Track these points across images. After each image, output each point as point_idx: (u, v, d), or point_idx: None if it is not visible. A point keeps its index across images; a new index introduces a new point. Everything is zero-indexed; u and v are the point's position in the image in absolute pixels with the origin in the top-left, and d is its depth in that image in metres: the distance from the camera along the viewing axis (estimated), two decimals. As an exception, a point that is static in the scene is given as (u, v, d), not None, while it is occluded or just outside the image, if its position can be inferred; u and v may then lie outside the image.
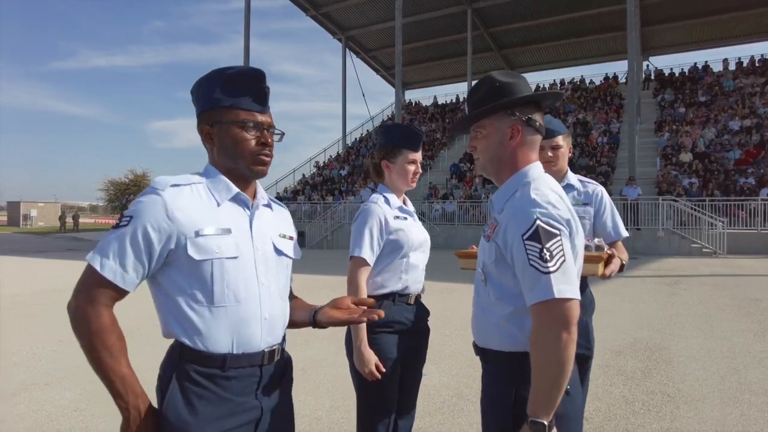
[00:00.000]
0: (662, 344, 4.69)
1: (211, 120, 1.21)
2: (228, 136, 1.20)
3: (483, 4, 24.20)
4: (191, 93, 1.27)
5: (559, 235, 1.18)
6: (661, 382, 3.68)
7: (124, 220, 1.11)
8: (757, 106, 20.12)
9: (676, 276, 9.46)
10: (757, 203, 13.80)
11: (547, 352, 1.12)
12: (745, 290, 7.67)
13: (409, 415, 1.99)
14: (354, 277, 1.83)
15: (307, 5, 25.66)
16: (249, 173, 1.23)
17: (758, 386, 3.54)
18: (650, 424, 2.96)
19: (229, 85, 1.19)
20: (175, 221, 1.11)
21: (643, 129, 20.29)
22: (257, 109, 1.22)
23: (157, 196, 1.12)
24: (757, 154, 16.87)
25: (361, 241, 1.83)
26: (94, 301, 1.08)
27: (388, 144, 1.96)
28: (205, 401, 1.13)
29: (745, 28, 25.01)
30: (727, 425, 2.93)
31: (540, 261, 1.14)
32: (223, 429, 1.14)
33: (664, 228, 14.15)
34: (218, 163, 1.24)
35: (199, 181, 1.20)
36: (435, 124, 29.22)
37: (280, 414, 1.27)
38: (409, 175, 1.96)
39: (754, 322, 5.52)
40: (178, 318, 1.14)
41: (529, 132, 1.33)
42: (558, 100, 1.51)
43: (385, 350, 1.82)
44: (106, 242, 1.10)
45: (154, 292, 1.19)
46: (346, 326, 1.78)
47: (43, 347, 4.80)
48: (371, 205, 1.90)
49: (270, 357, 1.22)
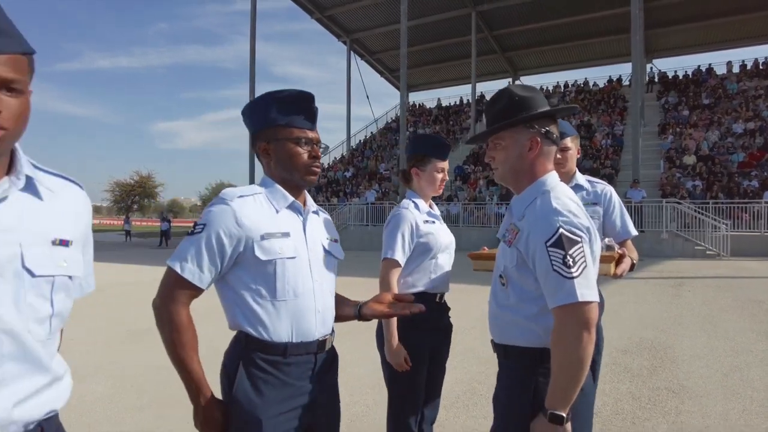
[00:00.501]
0: (667, 343, 4.83)
1: (268, 137, 1.39)
2: (284, 151, 1.38)
3: (487, 7, 24.32)
4: (243, 114, 1.45)
5: (580, 242, 1.25)
6: (666, 379, 3.83)
7: (198, 227, 1.29)
8: (760, 108, 20.20)
9: (679, 278, 9.58)
10: (760, 206, 13.90)
11: (568, 351, 1.21)
12: (748, 292, 7.79)
13: (435, 405, 2.15)
14: (386, 277, 1.99)
15: (312, 8, 25.86)
16: (303, 183, 1.41)
17: (760, 383, 3.68)
18: (656, 418, 3.11)
19: (284, 106, 1.37)
20: (243, 227, 1.29)
21: (646, 131, 20.40)
22: (308, 126, 1.40)
23: (226, 206, 1.30)
24: (760, 157, 16.97)
25: (394, 244, 1.99)
26: (175, 300, 1.26)
27: (418, 153, 2.13)
28: (270, 385, 1.30)
29: (749, 30, 25.07)
30: (729, 419, 3.08)
31: (563, 267, 1.22)
32: (284, 410, 1.31)
33: (667, 230, 14.26)
34: (274, 174, 1.41)
35: (259, 192, 1.38)
36: (438, 127, 29.36)
37: (330, 397, 1.44)
38: (437, 182, 2.12)
39: (756, 323, 5.65)
40: (244, 311, 1.31)
41: (546, 143, 1.40)
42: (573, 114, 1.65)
43: (414, 346, 1.98)
44: (184, 248, 1.28)
45: (221, 289, 1.35)
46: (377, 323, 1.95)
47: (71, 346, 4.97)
48: (403, 210, 2.06)
49: (322, 345, 1.39)
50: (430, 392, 2.10)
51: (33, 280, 0.87)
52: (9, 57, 0.81)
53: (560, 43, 27.87)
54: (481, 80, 29.44)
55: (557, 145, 1.46)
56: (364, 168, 26.48)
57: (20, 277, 0.85)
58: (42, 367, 0.90)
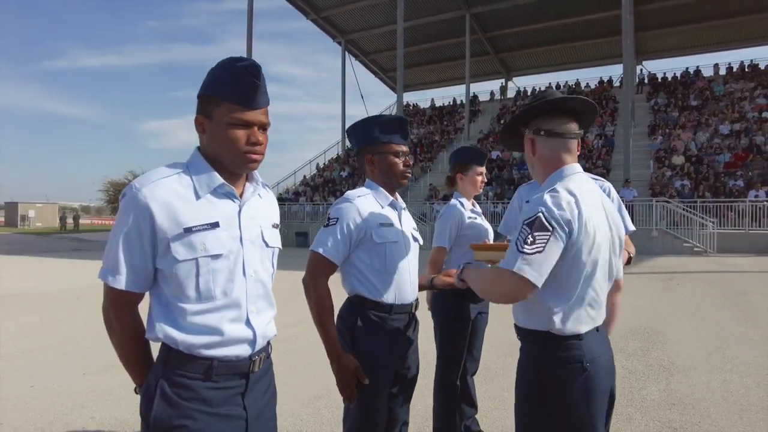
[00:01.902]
0: (658, 329, 5.31)
1: (372, 151, 1.83)
2: (385, 162, 1.83)
3: (481, 9, 24.73)
4: (348, 133, 1.91)
5: (550, 231, 1.32)
6: (657, 357, 4.30)
7: (332, 220, 1.73)
8: (746, 110, 20.88)
9: (669, 273, 10.10)
10: (745, 204, 14.51)
11: (491, 288, 1.44)
12: (733, 285, 8.32)
13: (474, 359, 2.69)
14: (438, 260, 2.50)
15: (308, 9, 26.09)
16: (398, 186, 1.87)
17: (738, 360, 4.18)
18: (649, 388, 3.58)
19: (384, 127, 1.81)
20: (364, 219, 1.74)
21: (637, 132, 20.94)
22: (403, 143, 1.85)
23: (351, 204, 1.75)
24: (745, 158, 17.60)
25: (443, 235, 2.50)
26: (319, 276, 1.71)
27: (462, 161, 2.61)
28: (380, 335, 1.76)
29: (735, 34, 25.80)
30: (712, 388, 3.55)
31: (523, 242, 1.32)
32: (391, 355, 1.77)
33: (657, 228, 14.80)
34: (377, 179, 1.86)
35: (368, 193, 1.82)
36: (433, 127, 29.80)
37: (416, 346, 1.92)
38: (477, 184, 2.61)
39: (738, 312, 6.18)
40: (360, 280, 1.76)
41: (542, 140, 1.49)
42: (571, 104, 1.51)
43: (462, 313, 2.49)
44: (323, 237, 1.72)
45: (344, 265, 1.79)
46: (431, 295, 2.54)
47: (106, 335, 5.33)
48: (452, 207, 2.55)
49: (416, 307, 1.87)
50: (471, 350, 2.61)
51: (267, 249, 1.31)
52: (266, 108, 1.23)
53: (552, 44, 28.37)
54: (475, 81, 29.90)
55: (562, 137, 1.48)
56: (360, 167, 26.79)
57: (262, 247, 1.29)
58: (272, 304, 1.34)
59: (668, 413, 3.14)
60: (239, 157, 1.20)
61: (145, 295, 1.24)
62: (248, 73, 1.17)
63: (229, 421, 1.19)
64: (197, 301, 1.17)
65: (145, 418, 1.17)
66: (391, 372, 1.78)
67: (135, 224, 1.14)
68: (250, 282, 1.24)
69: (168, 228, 1.14)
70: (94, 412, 3.29)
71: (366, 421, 1.73)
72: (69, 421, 3.14)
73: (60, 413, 3.26)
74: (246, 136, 1.19)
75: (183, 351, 1.16)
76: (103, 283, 1.18)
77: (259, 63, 1.20)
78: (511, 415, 1.56)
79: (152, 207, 1.13)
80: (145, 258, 1.16)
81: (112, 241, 1.16)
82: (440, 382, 2.53)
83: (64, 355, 4.60)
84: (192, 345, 1.16)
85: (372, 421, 1.73)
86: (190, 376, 1.16)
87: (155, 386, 1.17)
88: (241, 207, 1.25)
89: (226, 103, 1.17)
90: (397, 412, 1.85)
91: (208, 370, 1.17)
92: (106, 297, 1.20)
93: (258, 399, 1.26)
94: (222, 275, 1.19)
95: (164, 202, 1.14)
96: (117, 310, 1.20)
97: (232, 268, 1.21)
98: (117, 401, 3.47)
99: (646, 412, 3.16)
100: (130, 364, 1.25)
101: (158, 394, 1.15)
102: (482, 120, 28.59)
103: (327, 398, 3.46)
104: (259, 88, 1.19)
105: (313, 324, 1.73)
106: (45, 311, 6.73)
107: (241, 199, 1.26)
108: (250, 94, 1.18)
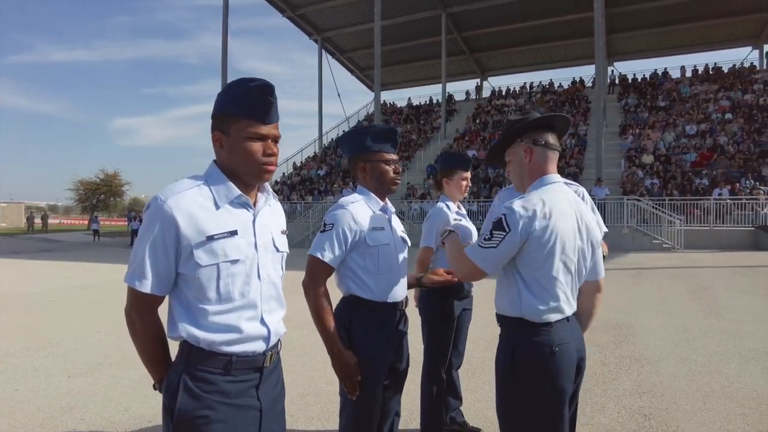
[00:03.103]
0: (629, 323, 5.56)
1: (364, 159, 1.94)
2: (376, 170, 1.94)
3: (457, 9, 24.99)
4: (340, 140, 1.99)
5: (508, 231, 1.55)
6: (629, 350, 4.53)
7: (328, 226, 1.84)
8: (710, 111, 21.69)
9: (639, 269, 10.49)
10: (709, 202, 15.11)
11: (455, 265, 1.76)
12: (698, 280, 8.72)
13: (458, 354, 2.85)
14: (425, 260, 2.62)
15: (284, 6, 25.95)
16: (389, 192, 1.98)
17: (703, 350, 4.45)
18: (621, 378, 3.79)
19: (376, 137, 1.92)
20: (358, 224, 1.85)
21: (608, 132, 21.49)
22: (393, 152, 1.96)
23: (346, 210, 1.85)
24: (710, 157, 18.30)
25: (429, 236, 2.63)
26: (318, 278, 1.82)
27: (448, 166, 2.74)
28: (374, 331, 1.87)
29: (700, 37, 26.75)
30: (678, 377, 3.79)
31: (483, 237, 1.60)
32: (385, 349, 1.89)
33: (628, 225, 15.28)
34: (369, 186, 1.97)
35: (360, 199, 1.93)
36: (410, 126, 29.99)
37: (407, 340, 2.04)
38: (462, 188, 2.75)
39: (703, 305, 6.51)
40: (355, 281, 1.87)
41: (538, 150, 1.68)
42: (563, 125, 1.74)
43: (447, 310, 2.62)
44: (320, 242, 1.83)
45: (338, 268, 1.89)
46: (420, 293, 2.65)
47: (87, 336, 5.32)
48: (438, 210, 2.68)
49: (406, 304, 2.00)
50: (456, 344, 2.75)
51: (278, 254, 1.42)
52: (277, 123, 1.35)
53: (526, 45, 28.86)
54: (451, 80, 30.19)
55: (551, 150, 1.69)
56: (337, 166, 26.84)
57: (273, 252, 1.40)
58: (282, 304, 1.44)
59: (638, 401, 3.34)
60: (257, 168, 1.31)
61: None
62: (262, 92, 1.29)
63: (246, 411, 1.30)
64: (217, 302, 1.27)
65: (169, 410, 1.26)
66: (385, 365, 1.90)
67: (161, 233, 1.23)
68: (264, 284, 1.36)
69: (191, 236, 1.24)
70: (84, 414, 3.31)
71: (362, 412, 1.85)
72: (59, 424, 3.16)
73: (48, 416, 3.27)
74: (262, 148, 1.31)
75: (204, 348, 1.26)
76: (128, 286, 1.27)
77: (272, 83, 1.31)
78: (493, 406, 1.71)
79: (177, 217, 1.23)
80: (168, 264, 1.26)
81: (138, 248, 1.25)
82: (427, 376, 2.66)
83: (46, 358, 4.58)
84: (213, 342, 1.26)
85: (368, 412, 1.85)
86: (211, 370, 1.26)
87: (178, 381, 1.26)
88: (255, 216, 1.36)
89: (243, 119, 1.28)
90: (390, 404, 1.97)
91: (227, 365, 1.28)
92: (131, 300, 1.28)
93: (270, 391, 1.38)
94: (240, 278, 1.30)
95: (188, 212, 1.24)
96: (141, 312, 1.29)
97: (248, 271, 1.31)
98: (105, 402, 3.50)
99: (618, 401, 3.35)
100: (151, 362, 1.34)
101: (182, 387, 1.25)
102: (458, 119, 28.91)
103: (315, 395, 3.56)
104: (272, 105, 1.31)
105: (300, 323, 1.85)
106: (21, 314, 6.62)
107: (254, 208, 1.37)
108: (264, 111, 1.30)
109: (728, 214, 14.96)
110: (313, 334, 5.03)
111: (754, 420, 3.03)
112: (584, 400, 3.23)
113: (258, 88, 1.28)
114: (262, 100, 1.29)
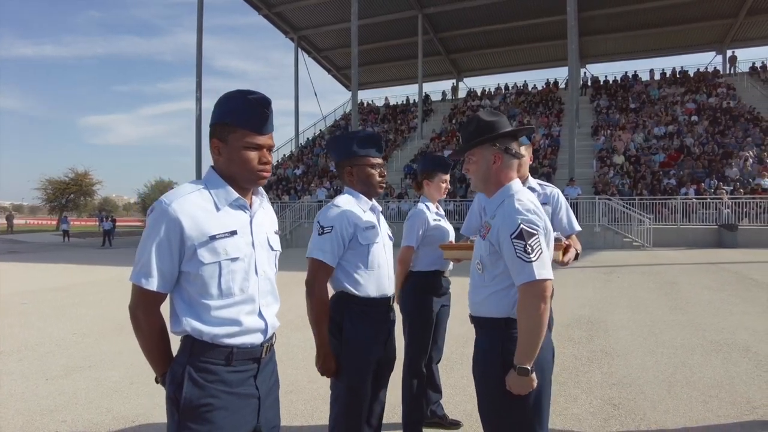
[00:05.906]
0: (600, 318, 5.78)
1: (351, 164, 2.03)
2: (363, 174, 2.04)
3: (433, 10, 25.26)
4: (328, 145, 2.08)
5: (537, 234, 1.57)
6: (600, 344, 4.73)
7: (327, 228, 1.92)
8: (677, 113, 22.42)
9: (610, 266, 10.81)
10: (677, 201, 15.66)
11: (531, 318, 1.54)
12: (665, 276, 9.08)
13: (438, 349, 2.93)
14: (406, 258, 2.72)
15: (260, 4, 25.77)
16: (375, 194, 2.08)
17: (669, 343, 4.68)
18: (593, 371, 3.96)
19: (361, 142, 2.01)
20: (352, 224, 1.94)
21: (581, 133, 21.95)
22: (379, 156, 2.06)
23: (342, 212, 1.95)
24: (677, 158, 18.94)
25: (411, 235, 2.72)
26: (321, 280, 1.91)
27: (428, 169, 2.83)
28: (363, 325, 1.96)
29: (668, 42, 27.63)
30: (646, 369, 3.99)
31: (524, 254, 1.54)
32: (374, 343, 1.98)
33: (600, 224, 15.71)
34: (356, 188, 2.06)
35: (351, 200, 2.02)
36: (387, 125, 30.10)
37: (394, 334, 2.14)
38: (441, 190, 2.85)
39: (670, 300, 6.80)
40: (346, 278, 1.96)
41: (507, 157, 1.72)
42: (530, 134, 2.07)
43: (427, 308, 2.71)
44: (321, 244, 1.91)
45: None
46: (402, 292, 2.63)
47: (63, 339, 5.24)
48: (419, 210, 2.77)
49: (393, 300, 2.10)
50: (436, 339, 2.85)
51: (272, 252, 1.51)
52: (272, 133, 1.43)
53: (501, 46, 29.34)
54: (427, 80, 30.41)
55: (518, 158, 1.76)
56: (314, 165, 26.77)
57: (268, 251, 1.48)
58: (277, 299, 1.53)
59: (609, 392, 3.51)
60: (253, 175, 1.41)
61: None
62: (260, 105, 1.37)
63: (246, 399, 1.39)
64: (219, 298, 1.36)
65: (174, 400, 1.34)
66: (375, 358, 1.99)
67: (166, 234, 1.31)
68: (261, 280, 1.45)
69: (195, 236, 1.33)
70: (65, 416, 3.30)
71: (352, 403, 1.94)
72: (40, 426, 3.15)
73: (28, 419, 3.25)
74: (258, 156, 1.40)
75: (207, 341, 1.34)
76: (133, 285, 1.35)
77: (269, 97, 1.40)
78: (471, 399, 1.82)
79: (181, 218, 1.31)
80: (172, 263, 1.33)
81: (143, 248, 1.33)
82: (408, 370, 2.75)
83: (21, 361, 4.51)
84: (216, 335, 1.34)
85: (358, 403, 1.94)
86: (213, 362, 1.35)
87: (182, 372, 1.34)
88: (252, 217, 1.45)
89: (241, 129, 1.37)
90: (378, 395, 2.07)
91: (229, 356, 1.36)
92: (136, 298, 1.36)
93: (266, 380, 1.47)
94: (239, 275, 1.39)
95: (191, 214, 1.33)
96: (146, 309, 1.36)
97: (247, 268, 1.40)
98: (87, 404, 3.49)
99: (590, 392, 3.51)
100: (154, 357, 1.41)
101: (186, 378, 1.33)
102: (435, 119, 29.15)
103: (298, 392, 3.62)
104: (269, 117, 1.40)
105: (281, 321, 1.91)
106: (-8, 317, 6.47)
107: (251, 210, 1.46)
108: (261, 122, 1.39)
109: (694, 213, 15.53)
110: (294, 334, 5.09)
111: (714, 407, 3.22)
112: (557, 391, 3.38)
113: (256, 101, 1.37)
114: (260, 112, 1.37)
